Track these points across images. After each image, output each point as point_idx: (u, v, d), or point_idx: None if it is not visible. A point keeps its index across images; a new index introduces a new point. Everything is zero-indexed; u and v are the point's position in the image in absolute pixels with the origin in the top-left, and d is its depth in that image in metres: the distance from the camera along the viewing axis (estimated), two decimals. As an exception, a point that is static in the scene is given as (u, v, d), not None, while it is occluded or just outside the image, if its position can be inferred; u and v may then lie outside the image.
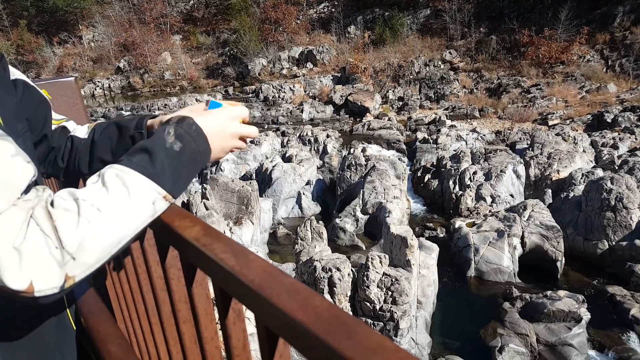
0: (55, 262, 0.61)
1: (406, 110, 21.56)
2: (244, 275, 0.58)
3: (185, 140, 0.78)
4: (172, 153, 0.76)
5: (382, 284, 7.64)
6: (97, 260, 0.67)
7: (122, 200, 0.69)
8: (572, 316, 7.74)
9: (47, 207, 0.64)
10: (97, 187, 0.69)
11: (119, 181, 0.70)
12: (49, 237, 0.61)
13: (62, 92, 1.44)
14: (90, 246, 0.65)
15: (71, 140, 1.06)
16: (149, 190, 0.72)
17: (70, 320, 0.98)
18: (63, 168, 1.06)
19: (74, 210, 0.65)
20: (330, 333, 0.45)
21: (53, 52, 35.55)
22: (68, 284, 0.63)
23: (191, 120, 0.81)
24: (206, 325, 0.83)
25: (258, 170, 14.24)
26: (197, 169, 0.81)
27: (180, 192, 0.77)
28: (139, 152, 0.75)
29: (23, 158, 0.67)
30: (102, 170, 0.73)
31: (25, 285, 0.59)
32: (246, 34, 30.05)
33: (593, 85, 20.57)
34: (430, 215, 13.02)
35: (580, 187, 11.09)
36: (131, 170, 0.72)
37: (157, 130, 0.79)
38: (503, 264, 9.65)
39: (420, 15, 29.56)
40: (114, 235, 0.68)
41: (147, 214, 0.73)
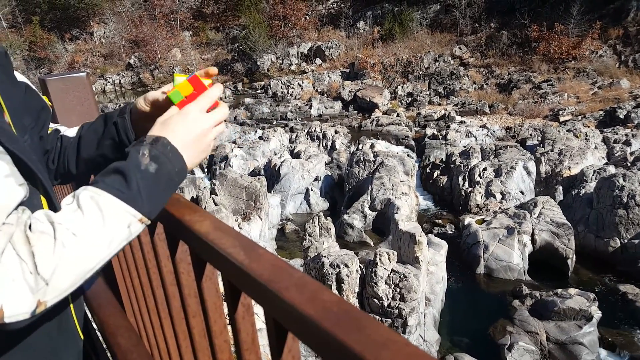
0: (27, 287, 0.60)
1: (415, 106, 21.45)
2: (253, 269, 0.58)
3: (160, 160, 0.75)
4: (148, 175, 0.73)
5: (390, 280, 7.63)
6: (71, 285, 0.65)
7: (97, 224, 0.67)
8: (583, 314, 7.67)
9: (25, 231, 0.62)
10: (72, 209, 0.68)
11: (93, 204, 0.68)
12: (25, 262, 0.60)
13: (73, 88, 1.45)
14: (64, 271, 0.63)
15: (61, 140, 1.05)
16: (124, 214, 0.70)
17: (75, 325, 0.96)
18: (53, 170, 1.05)
19: (50, 233, 0.63)
20: (339, 327, 0.45)
21: (65, 49, 35.87)
22: (39, 309, 0.62)
23: (165, 140, 0.78)
24: (215, 320, 0.84)
25: (266, 166, 14.27)
26: (174, 188, 0.79)
27: (155, 213, 0.76)
28: (113, 174, 0.73)
29: (16, 180, 0.66)
30: (77, 191, 0.71)
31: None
32: (255, 29, 30.07)
33: (605, 80, 20.29)
34: (439, 211, 12.97)
35: (591, 184, 10.96)
36: (106, 193, 0.70)
37: (130, 151, 0.76)
38: (513, 261, 9.59)
39: (430, 11, 29.34)
40: (89, 259, 0.67)
41: (122, 237, 0.71)
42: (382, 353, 0.41)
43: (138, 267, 1.12)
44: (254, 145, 15.78)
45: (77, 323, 0.96)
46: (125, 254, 1.21)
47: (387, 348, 0.42)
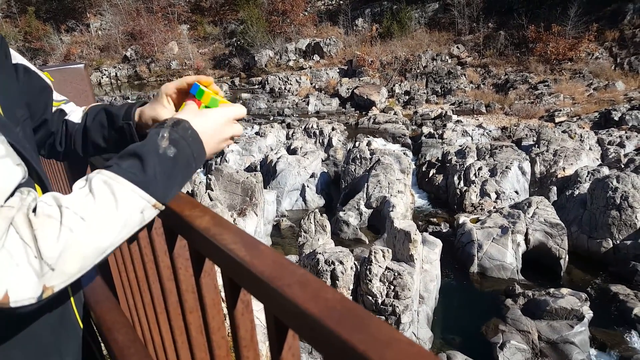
0: (33, 272, 0.58)
1: (412, 105, 21.47)
2: (255, 265, 0.58)
3: (180, 145, 0.74)
4: (165, 159, 0.72)
5: (384, 278, 7.65)
6: (78, 270, 0.64)
7: (109, 209, 0.66)
8: (575, 314, 7.73)
9: (28, 214, 0.61)
10: (84, 194, 0.66)
11: (106, 189, 0.67)
12: (29, 245, 0.58)
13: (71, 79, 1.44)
14: (71, 256, 0.62)
15: (65, 125, 1.04)
16: (137, 199, 0.69)
17: (76, 317, 0.95)
18: (61, 152, 1.05)
19: (57, 217, 0.62)
20: (342, 325, 0.45)
21: (60, 40, 35.57)
22: (46, 294, 0.61)
23: (187, 123, 0.77)
24: (213, 316, 0.83)
25: (263, 162, 14.24)
26: (190, 174, 0.78)
27: (170, 198, 0.74)
28: (130, 158, 0.71)
29: (12, 160, 0.64)
30: (90, 175, 0.70)
31: (0, 295, 0.57)
32: (253, 25, 29.96)
33: (601, 82, 20.39)
34: (434, 210, 13.00)
35: (585, 185, 11.03)
36: (120, 177, 0.68)
37: (150, 133, 0.75)
38: (506, 260, 9.64)
39: (429, 9, 29.34)
40: (98, 244, 0.65)
41: (135, 222, 0.70)
42: (386, 352, 0.41)
43: (134, 262, 1.11)
44: (251, 140, 15.75)
45: (77, 314, 0.96)
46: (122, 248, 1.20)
47: (391, 347, 0.41)
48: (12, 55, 0.93)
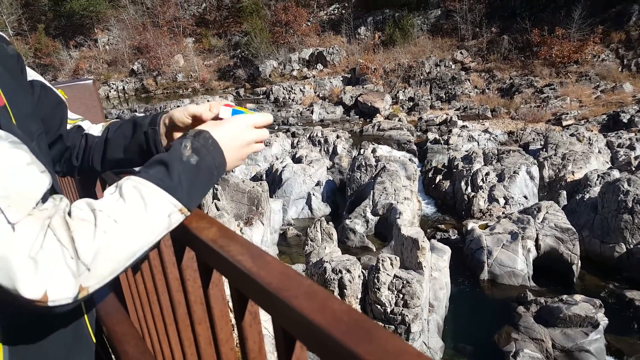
0: (70, 272, 0.61)
1: (417, 111, 21.47)
2: (262, 277, 0.58)
3: (201, 153, 0.78)
4: (189, 166, 0.76)
5: (393, 286, 7.60)
6: (111, 272, 0.67)
7: (139, 212, 0.70)
8: (589, 321, 7.60)
9: (64, 217, 0.64)
10: (115, 198, 0.70)
11: (136, 193, 0.71)
12: (66, 247, 0.61)
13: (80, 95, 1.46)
14: (105, 258, 0.65)
15: (85, 138, 1.07)
16: (165, 203, 0.73)
17: (89, 331, 0.97)
18: (77, 166, 1.08)
19: (91, 220, 0.65)
20: (349, 337, 0.45)
21: (69, 55, 36.08)
22: (82, 294, 0.64)
23: (207, 133, 0.81)
24: (222, 327, 0.83)
25: (268, 171, 14.28)
26: (212, 182, 0.82)
27: (195, 204, 0.78)
28: (156, 165, 0.75)
29: (37, 167, 0.66)
30: (119, 181, 0.73)
31: (40, 294, 0.59)
32: (257, 36, 30.21)
33: (608, 84, 20.28)
34: (442, 216, 12.93)
35: (596, 189, 10.92)
36: (148, 182, 0.72)
37: (173, 144, 0.80)
38: (517, 267, 9.54)
39: (431, 16, 29.44)
40: (130, 246, 0.68)
41: (163, 226, 0.73)
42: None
43: (144, 274, 1.12)
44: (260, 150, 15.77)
45: (89, 327, 0.98)
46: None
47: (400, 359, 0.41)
48: (28, 72, 0.97)
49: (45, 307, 0.60)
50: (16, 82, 0.87)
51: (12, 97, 0.80)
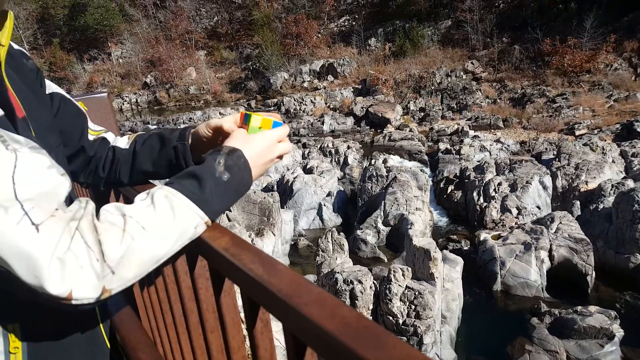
0: (94, 274, 0.64)
1: (428, 121, 21.43)
2: (273, 284, 0.59)
3: (233, 171, 0.81)
4: (221, 182, 0.79)
5: (405, 297, 7.54)
6: (135, 276, 0.70)
7: (167, 221, 0.72)
8: (604, 333, 7.46)
9: (93, 220, 0.66)
10: (145, 205, 0.73)
11: (167, 203, 0.73)
12: (92, 249, 0.64)
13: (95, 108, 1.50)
14: (130, 262, 0.67)
15: (113, 151, 1.10)
16: (193, 215, 0.75)
17: (104, 337, 1.00)
18: (104, 177, 1.10)
19: (120, 225, 0.68)
20: (359, 343, 0.46)
21: (83, 69, 36.76)
22: (104, 295, 0.66)
23: (240, 152, 0.85)
24: (233, 335, 0.84)
25: (279, 181, 14.32)
26: (238, 198, 0.85)
27: (218, 217, 0.81)
28: (189, 177, 0.78)
29: (57, 170, 0.69)
30: (152, 190, 0.76)
31: (65, 293, 0.62)
32: (268, 48, 30.50)
33: (621, 94, 20.06)
34: (454, 227, 12.83)
35: (610, 199, 10.77)
36: (180, 194, 0.75)
37: (207, 158, 0.82)
38: (530, 277, 9.41)
39: (441, 27, 29.49)
40: (155, 253, 0.71)
41: (188, 236, 0.76)
42: (402, 368, 0.41)
43: (157, 283, 1.13)
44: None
45: (105, 336, 1.00)
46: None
47: (408, 364, 0.42)
48: (48, 84, 1.01)
49: (68, 304, 0.63)
50: (35, 96, 0.89)
51: (31, 111, 0.82)
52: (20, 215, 0.61)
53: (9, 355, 0.76)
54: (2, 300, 0.74)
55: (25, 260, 0.60)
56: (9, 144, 0.64)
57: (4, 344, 0.75)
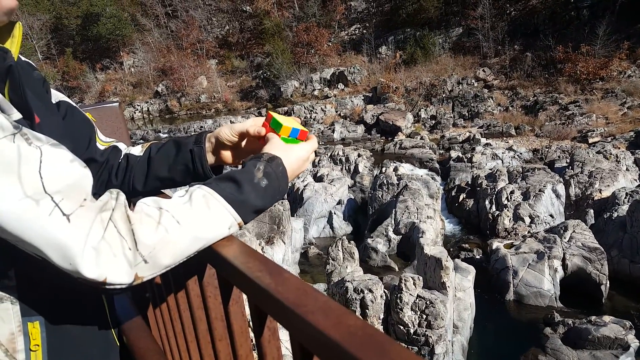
0: (127, 262, 0.67)
1: (439, 129, 21.36)
2: (280, 292, 0.59)
3: (271, 178, 0.84)
4: (258, 188, 0.81)
5: (416, 306, 7.48)
6: (166, 266, 0.72)
7: (203, 219, 0.75)
8: (619, 343, 7.32)
9: (126, 211, 0.70)
10: (183, 201, 0.75)
11: (203, 201, 0.76)
12: (125, 239, 0.67)
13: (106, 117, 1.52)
14: (163, 253, 0.70)
15: (127, 159, 1.10)
16: (228, 216, 0.78)
17: (114, 336, 1.02)
18: (117, 186, 1.09)
19: (155, 217, 0.71)
20: (364, 351, 0.46)
21: (96, 78, 37.35)
22: (137, 282, 0.70)
23: (280, 160, 0.87)
24: (241, 344, 0.85)
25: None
26: (272, 204, 0.87)
27: (250, 221, 0.83)
28: (228, 180, 0.81)
29: (80, 163, 0.71)
30: (191, 188, 0.79)
31: (101, 278, 0.66)
32: (279, 57, 30.72)
33: (635, 101, 19.82)
34: (466, 235, 12.72)
35: (624, 207, 10.61)
36: (217, 194, 0.77)
37: (247, 164, 0.85)
38: (544, 287, 9.29)
39: (452, 34, 29.47)
40: (187, 247, 0.73)
41: (221, 234, 0.78)
42: (407, 378, 0.42)
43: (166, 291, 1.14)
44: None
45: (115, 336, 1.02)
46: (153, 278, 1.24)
47: (412, 373, 0.42)
48: (54, 93, 1.02)
49: (103, 288, 0.67)
50: (44, 105, 0.91)
51: (43, 119, 0.84)
52: (51, 207, 0.64)
53: (29, 352, 0.77)
54: (23, 300, 0.76)
55: (60, 250, 0.63)
56: (32, 141, 0.66)
57: (24, 342, 0.77)
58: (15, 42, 0.82)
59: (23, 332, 0.76)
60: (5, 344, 0.75)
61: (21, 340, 0.76)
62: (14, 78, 0.78)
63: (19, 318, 0.76)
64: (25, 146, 0.64)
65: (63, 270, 0.65)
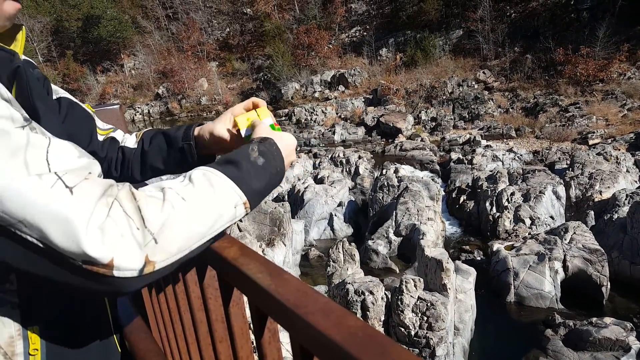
0: (135, 242, 0.61)
1: (439, 131, 21.37)
2: (280, 294, 0.59)
3: (267, 157, 0.83)
4: (257, 166, 0.81)
5: (417, 308, 7.47)
6: (178, 250, 0.66)
7: (207, 195, 0.71)
8: (620, 345, 7.31)
9: (130, 189, 0.65)
10: (184, 183, 0.72)
11: (205, 179, 0.73)
12: (131, 218, 0.62)
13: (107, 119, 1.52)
14: (172, 231, 0.65)
15: (122, 151, 1.13)
16: (232, 193, 0.75)
17: (115, 341, 1.02)
18: (117, 177, 1.13)
19: (159, 197, 0.66)
20: (364, 352, 0.46)
21: (96, 80, 37.40)
22: (148, 268, 0.63)
23: (272, 140, 0.88)
24: (242, 345, 0.85)
25: (290, 191, 14.34)
26: (274, 185, 0.85)
27: (257, 204, 0.80)
28: (225, 162, 0.79)
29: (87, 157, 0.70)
30: (189, 172, 0.76)
31: (107, 258, 0.59)
32: (279, 59, 30.77)
33: (635, 102, 19.84)
34: (467, 237, 12.71)
35: (624, 209, 10.60)
36: (218, 171, 0.76)
37: (241, 147, 0.85)
38: (544, 288, 9.28)
39: (453, 36, 29.50)
40: (197, 227, 0.69)
41: (229, 215, 0.74)
42: (407, 378, 0.42)
43: (166, 293, 1.14)
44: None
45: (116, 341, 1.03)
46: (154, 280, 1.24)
47: (412, 373, 0.42)
48: (54, 89, 1.03)
49: (110, 276, 0.60)
50: (45, 105, 0.92)
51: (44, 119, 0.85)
52: (53, 179, 0.60)
53: (28, 356, 0.77)
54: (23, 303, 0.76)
55: (61, 224, 0.58)
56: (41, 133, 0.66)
57: (24, 345, 0.76)
58: (19, 45, 0.83)
59: (22, 336, 0.76)
60: (5, 347, 0.74)
61: (20, 344, 0.76)
62: (21, 80, 0.78)
63: (18, 322, 0.76)
64: (34, 134, 0.64)
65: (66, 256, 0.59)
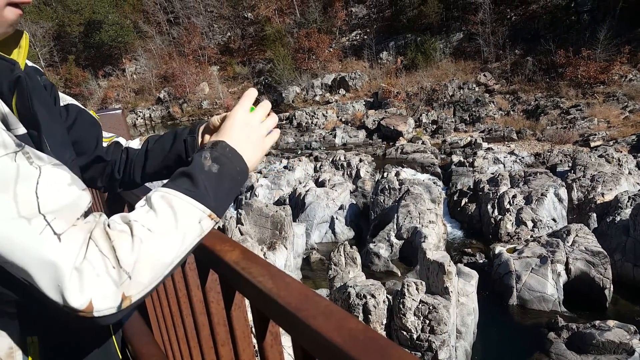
0: (112, 281, 0.63)
1: (440, 134, 21.37)
2: (282, 297, 0.60)
3: (221, 161, 0.82)
4: (212, 175, 0.79)
5: (419, 312, 7.45)
6: (151, 281, 0.69)
7: (170, 220, 0.72)
8: (624, 348, 7.28)
9: (105, 228, 0.67)
10: (145, 210, 0.73)
11: (164, 203, 0.73)
12: (107, 257, 0.64)
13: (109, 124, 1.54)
14: (145, 266, 0.67)
15: (126, 152, 1.15)
16: (193, 210, 0.75)
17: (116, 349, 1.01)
18: (119, 179, 1.14)
19: (127, 231, 0.68)
20: (366, 355, 0.46)
21: (98, 85, 37.53)
22: (125, 304, 0.65)
23: (223, 142, 0.85)
24: (244, 348, 0.85)
25: (291, 195, 14.34)
26: (238, 186, 0.84)
27: (223, 211, 0.80)
28: (180, 177, 0.79)
29: (78, 186, 0.70)
30: (148, 194, 0.77)
31: (85, 304, 0.61)
32: (280, 63, 30.84)
33: (637, 104, 19.82)
34: (468, 240, 12.69)
35: (627, 211, 10.57)
36: (175, 191, 0.75)
37: (194, 157, 0.83)
38: (547, 291, 9.25)
39: (453, 39, 29.54)
40: (166, 254, 0.70)
41: (195, 232, 0.75)
42: (408, 380, 0.42)
43: (169, 297, 1.15)
44: (279, 174, 15.94)
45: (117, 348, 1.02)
46: (156, 283, 1.24)
47: (414, 375, 0.42)
48: (62, 97, 1.05)
49: (90, 317, 0.62)
50: (49, 113, 0.92)
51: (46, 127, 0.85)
52: (42, 225, 0.62)
53: None
54: (22, 314, 0.76)
55: (48, 270, 0.60)
56: (33, 160, 0.66)
57: (23, 356, 0.77)
58: (22, 52, 0.83)
59: (21, 346, 0.76)
60: (4, 357, 0.75)
61: (19, 355, 0.76)
62: (21, 89, 0.78)
63: (18, 332, 0.76)
64: (25, 165, 0.64)
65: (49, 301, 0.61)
